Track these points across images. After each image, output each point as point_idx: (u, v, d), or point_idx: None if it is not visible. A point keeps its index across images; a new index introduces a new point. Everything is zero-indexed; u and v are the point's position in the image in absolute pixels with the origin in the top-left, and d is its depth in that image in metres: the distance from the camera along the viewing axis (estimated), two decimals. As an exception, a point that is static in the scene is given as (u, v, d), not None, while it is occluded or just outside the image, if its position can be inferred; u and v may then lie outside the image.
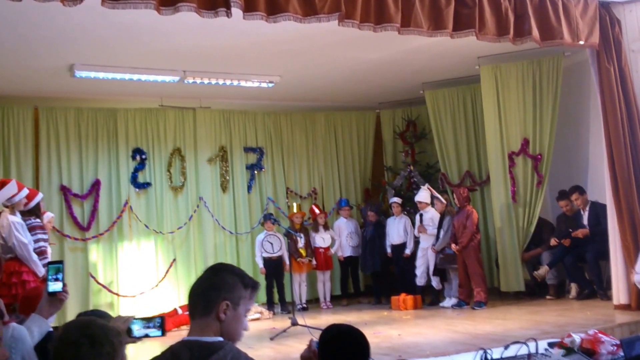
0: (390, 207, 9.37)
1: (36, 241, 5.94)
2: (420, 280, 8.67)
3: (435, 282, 8.59)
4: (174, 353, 2.14)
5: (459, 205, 8.25)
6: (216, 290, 2.19)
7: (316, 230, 9.46)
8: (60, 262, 2.82)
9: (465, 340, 5.68)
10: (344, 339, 2.70)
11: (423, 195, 8.74)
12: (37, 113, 8.62)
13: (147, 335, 2.44)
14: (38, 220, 6.09)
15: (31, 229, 5.94)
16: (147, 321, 2.42)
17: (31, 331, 2.73)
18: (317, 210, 9.64)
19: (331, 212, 10.21)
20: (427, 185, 8.91)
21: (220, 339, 2.16)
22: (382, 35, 5.69)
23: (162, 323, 2.35)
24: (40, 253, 5.92)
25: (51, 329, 2.88)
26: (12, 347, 2.54)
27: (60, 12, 4.91)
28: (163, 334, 2.37)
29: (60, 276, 2.75)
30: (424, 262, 8.63)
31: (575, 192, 7.96)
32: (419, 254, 8.70)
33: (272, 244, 9.01)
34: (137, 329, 2.40)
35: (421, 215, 8.70)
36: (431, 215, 8.64)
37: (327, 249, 9.44)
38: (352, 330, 2.76)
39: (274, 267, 9.00)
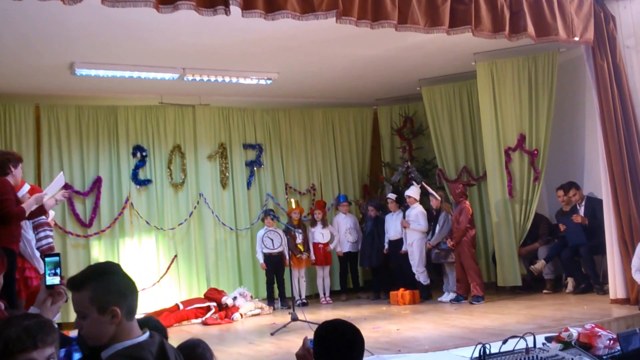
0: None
1: (44, 237, 5.96)
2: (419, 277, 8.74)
3: (422, 277, 8.63)
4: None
5: (455, 201, 8.32)
6: None
7: (315, 226, 9.53)
8: (57, 254, 2.80)
9: (463, 335, 5.74)
10: (339, 334, 2.72)
11: (412, 190, 8.80)
12: (38, 111, 8.67)
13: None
14: (44, 217, 6.12)
15: (39, 226, 5.97)
16: (65, 345, 2.42)
17: None
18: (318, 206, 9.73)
19: (330, 208, 10.27)
20: (421, 182, 8.97)
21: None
22: (379, 32, 5.74)
23: (80, 340, 2.33)
24: (49, 250, 5.96)
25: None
26: None
27: (61, 10, 4.96)
28: (83, 352, 2.37)
29: (58, 270, 2.75)
30: (413, 260, 8.66)
31: (571, 189, 8.02)
32: (408, 251, 8.73)
33: (272, 240, 9.06)
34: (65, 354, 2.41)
35: (405, 210, 8.77)
36: (417, 212, 8.70)
37: (326, 244, 9.50)
38: (346, 326, 2.78)
39: (274, 263, 9.07)
